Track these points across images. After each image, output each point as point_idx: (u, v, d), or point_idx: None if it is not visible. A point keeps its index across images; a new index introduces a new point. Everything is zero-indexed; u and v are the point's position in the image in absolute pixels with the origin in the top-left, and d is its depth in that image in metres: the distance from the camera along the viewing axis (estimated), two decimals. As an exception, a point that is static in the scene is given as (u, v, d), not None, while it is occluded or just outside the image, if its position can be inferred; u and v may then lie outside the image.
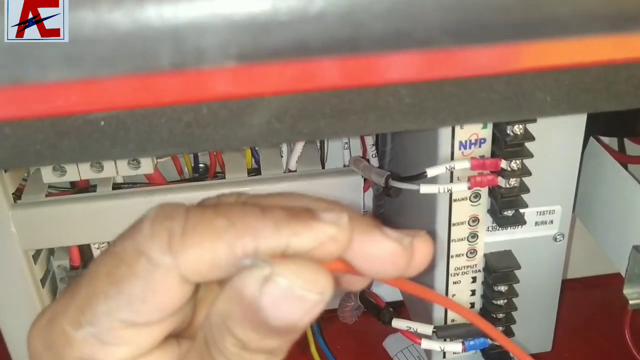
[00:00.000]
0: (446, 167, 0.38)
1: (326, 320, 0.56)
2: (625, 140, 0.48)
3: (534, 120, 0.37)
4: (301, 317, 0.19)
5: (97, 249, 0.49)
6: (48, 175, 0.44)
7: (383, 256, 0.21)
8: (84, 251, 0.50)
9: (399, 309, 0.54)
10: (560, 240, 0.42)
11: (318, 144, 0.50)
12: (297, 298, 0.19)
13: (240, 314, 0.20)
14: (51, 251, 0.50)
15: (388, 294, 0.56)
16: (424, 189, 0.38)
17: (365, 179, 0.47)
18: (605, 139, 0.49)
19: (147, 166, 0.45)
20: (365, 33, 0.23)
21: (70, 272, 0.49)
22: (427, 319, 0.45)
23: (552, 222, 0.41)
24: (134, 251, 0.21)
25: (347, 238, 0.21)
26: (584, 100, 0.27)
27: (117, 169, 0.45)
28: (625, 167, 0.45)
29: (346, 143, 0.49)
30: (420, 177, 0.38)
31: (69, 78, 0.22)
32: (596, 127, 0.45)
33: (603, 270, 0.61)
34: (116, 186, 0.48)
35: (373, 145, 0.48)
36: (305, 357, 0.56)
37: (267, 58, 0.23)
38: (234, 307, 0.20)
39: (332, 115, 0.26)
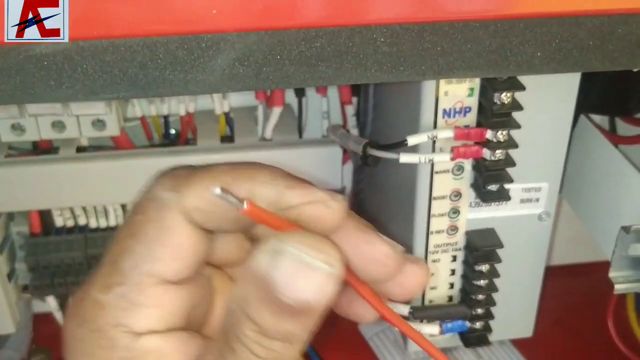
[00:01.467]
0: (428, 136, 0.35)
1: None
2: (617, 120, 0.46)
3: (523, 88, 0.34)
4: (314, 293, 0.20)
5: (59, 215, 0.47)
6: (6, 133, 0.42)
7: (375, 256, 0.23)
8: (45, 217, 0.47)
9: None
10: (545, 220, 0.40)
11: (296, 112, 0.47)
12: (307, 268, 0.20)
13: (256, 294, 0.20)
14: (10, 216, 0.47)
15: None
16: (404, 158, 0.36)
17: (344, 151, 0.45)
18: (597, 120, 0.47)
19: (112, 127, 0.43)
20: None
21: (30, 239, 0.47)
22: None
23: (537, 200, 0.39)
24: (146, 199, 0.23)
25: (340, 211, 0.22)
26: (577, 58, 0.25)
27: (81, 130, 0.42)
28: (616, 147, 0.43)
29: (325, 112, 0.47)
30: (401, 145, 0.36)
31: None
32: (587, 104, 0.43)
33: (587, 258, 0.59)
34: (80, 149, 0.45)
35: (354, 115, 0.46)
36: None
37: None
38: (249, 288, 0.20)
39: (300, 61, 0.24)
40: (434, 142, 0.36)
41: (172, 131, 0.48)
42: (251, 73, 0.24)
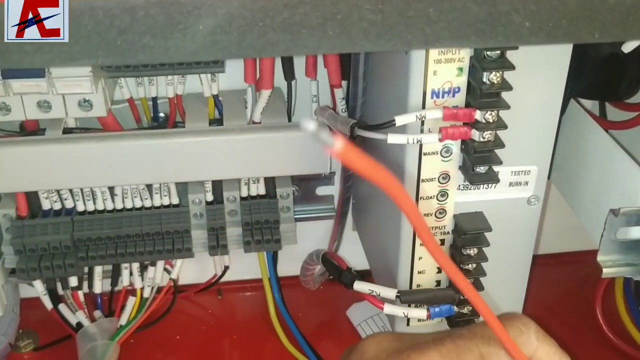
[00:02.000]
0: (416, 116, 0.35)
1: (289, 288, 0.54)
2: (607, 106, 0.46)
3: (512, 68, 0.34)
4: None
5: (46, 198, 0.46)
6: (-9, 113, 0.41)
7: None
8: (32, 200, 0.47)
9: (365, 278, 0.51)
10: (534, 204, 0.40)
11: (285, 96, 0.47)
12: None
13: None
14: (-4, 198, 0.47)
15: (354, 261, 0.53)
16: (392, 138, 0.35)
17: (333, 134, 0.44)
18: (587, 105, 0.46)
19: (99, 108, 0.42)
20: None
21: (16, 222, 0.46)
22: (392, 284, 0.42)
23: (527, 183, 0.39)
24: None
25: None
26: (566, 29, 0.25)
27: (67, 110, 0.42)
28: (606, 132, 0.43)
29: (315, 96, 0.46)
30: (389, 125, 0.35)
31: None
32: (577, 88, 0.43)
33: (576, 246, 0.59)
34: (67, 131, 0.45)
35: (343, 99, 0.45)
36: (265, 324, 0.53)
37: None
38: None
39: (283, 29, 0.23)
40: (422, 122, 0.36)
41: (161, 114, 0.48)
42: (233, 40, 0.23)
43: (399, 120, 0.35)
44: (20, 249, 0.46)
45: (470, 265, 0.40)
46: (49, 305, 0.50)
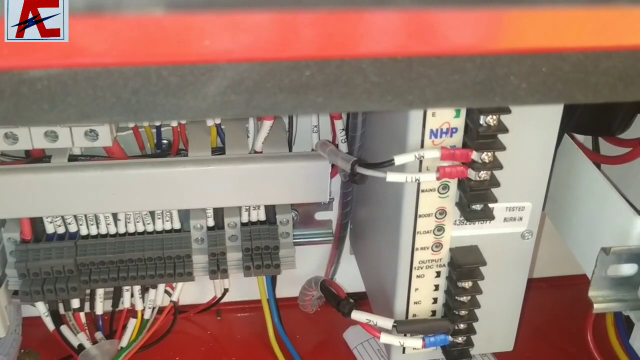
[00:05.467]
0: (415, 156, 0.36)
1: (287, 309, 0.55)
2: (601, 140, 0.47)
3: (508, 112, 0.35)
4: None
5: (50, 222, 0.47)
6: (-1, 142, 0.42)
7: None
8: (36, 224, 0.48)
9: (361, 300, 0.53)
10: (528, 238, 0.41)
11: (286, 126, 0.48)
12: None
13: None
14: (1, 222, 0.48)
15: (351, 283, 0.54)
16: (391, 177, 0.36)
17: (333, 164, 0.45)
18: (580, 138, 0.48)
19: (105, 138, 0.43)
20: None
21: (20, 246, 0.47)
22: (388, 312, 0.43)
23: (521, 218, 0.40)
24: None
25: None
26: (561, 90, 0.26)
27: (73, 140, 0.43)
28: (598, 167, 0.44)
29: (315, 126, 0.47)
30: (388, 164, 0.36)
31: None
32: (571, 124, 0.44)
33: (570, 270, 0.60)
34: (73, 158, 0.46)
35: (343, 130, 0.46)
36: (264, 346, 0.54)
37: (202, 7, 0.21)
38: None
39: (290, 90, 0.24)
40: (420, 161, 0.37)
41: (165, 141, 0.49)
42: (242, 100, 0.24)
43: (398, 160, 0.36)
44: (24, 272, 0.47)
45: (464, 297, 0.41)
46: (51, 326, 0.50)
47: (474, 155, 0.36)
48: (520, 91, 0.26)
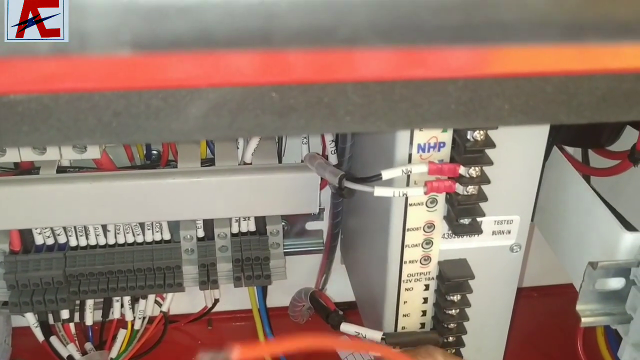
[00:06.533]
0: (402, 170, 0.36)
1: (278, 319, 0.55)
2: (590, 151, 0.47)
3: (495, 127, 0.35)
4: None
5: (39, 233, 0.47)
6: (-14, 154, 0.42)
7: None
8: (25, 236, 0.47)
9: (351, 310, 0.53)
10: (516, 251, 0.41)
11: (276, 137, 0.48)
12: None
13: None
14: (-10, 234, 0.48)
15: (340, 294, 0.54)
16: (378, 191, 0.36)
17: (322, 177, 0.45)
18: (570, 150, 0.48)
19: (93, 151, 0.43)
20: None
21: (9, 257, 0.47)
22: (377, 324, 0.43)
23: (509, 232, 0.40)
24: None
25: None
26: (544, 111, 0.26)
27: (61, 153, 0.43)
28: (588, 179, 0.44)
29: (305, 138, 0.47)
30: (375, 179, 0.36)
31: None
32: (560, 136, 0.44)
33: (561, 279, 0.60)
34: (61, 170, 0.46)
35: (332, 142, 0.46)
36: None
37: (167, 47, 0.21)
38: None
39: (272, 112, 0.24)
40: (408, 176, 0.37)
41: (154, 152, 0.49)
42: (225, 122, 0.24)
43: (386, 174, 0.36)
44: (13, 283, 0.47)
45: (453, 311, 0.41)
46: (40, 337, 0.50)
47: (462, 169, 0.36)
48: (503, 112, 0.26)
